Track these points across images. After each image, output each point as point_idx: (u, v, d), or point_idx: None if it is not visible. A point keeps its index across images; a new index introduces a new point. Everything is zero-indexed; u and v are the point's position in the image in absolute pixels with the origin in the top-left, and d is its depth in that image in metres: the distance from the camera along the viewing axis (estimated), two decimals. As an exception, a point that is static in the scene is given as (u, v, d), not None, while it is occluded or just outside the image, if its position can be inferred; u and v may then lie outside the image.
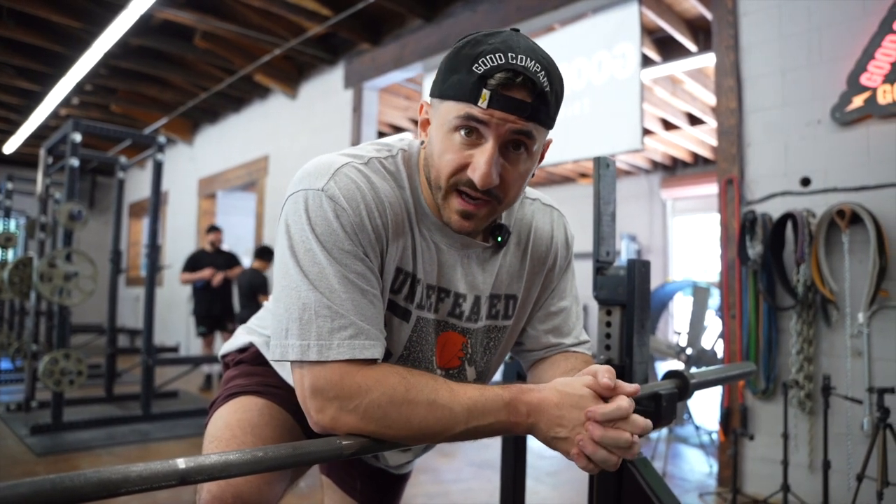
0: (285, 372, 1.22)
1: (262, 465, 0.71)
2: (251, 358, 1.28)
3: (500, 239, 1.10)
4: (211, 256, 6.91)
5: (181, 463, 0.65)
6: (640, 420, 0.88)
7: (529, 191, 1.21)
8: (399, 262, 1.00)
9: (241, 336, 1.32)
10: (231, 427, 1.11)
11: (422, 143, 1.01)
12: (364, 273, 0.92)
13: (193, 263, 6.85)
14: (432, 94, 0.97)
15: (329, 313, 0.88)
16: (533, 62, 0.89)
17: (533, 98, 0.90)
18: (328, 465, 1.46)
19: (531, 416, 0.88)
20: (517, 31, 0.94)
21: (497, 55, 0.88)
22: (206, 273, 6.70)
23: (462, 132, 0.92)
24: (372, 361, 0.91)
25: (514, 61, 0.88)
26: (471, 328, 1.11)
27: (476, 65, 0.88)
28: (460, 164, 0.93)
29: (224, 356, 1.34)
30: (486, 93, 0.88)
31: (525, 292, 1.16)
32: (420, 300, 1.03)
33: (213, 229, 7.06)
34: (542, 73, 0.90)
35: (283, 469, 0.79)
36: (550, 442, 0.89)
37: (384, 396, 0.87)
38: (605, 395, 0.89)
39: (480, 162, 0.91)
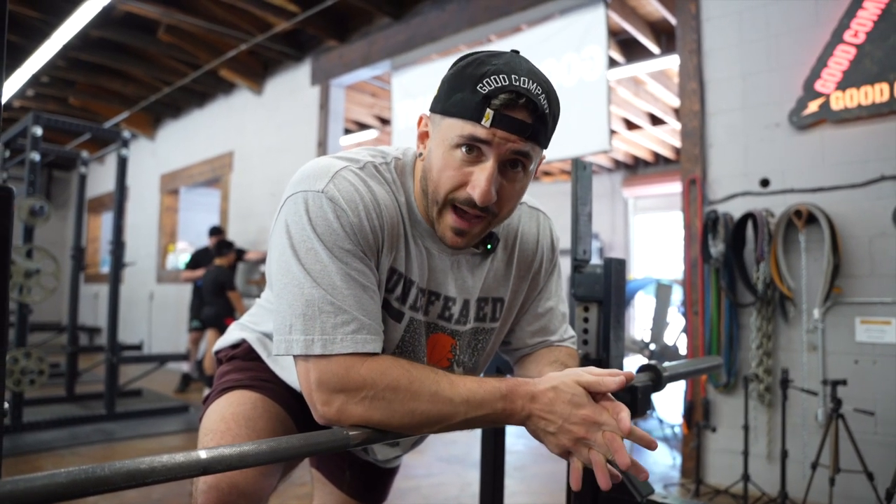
0: (278, 367, 1.25)
1: (276, 454, 0.74)
2: (243, 353, 1.30)
3: (489, 246, 1.13)
4: (213, 255, 6.91)
5: (203, 454, 0.68)
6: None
7: None
8: (393, 263, 1.03)
9: (234, 332, 1.34)
10: (226, 420, 1.13)
11: (419, 154, 1.04)
12: (364, 270, 0.96)
13: (196, 262, 6.92)
14: (433, 110, 1.00)
15: (332, 309, 0.92)
16: (535, 84, 0.93)
17: (533, 119, 0.93)
18: (318, 459, 1.49)
19: (525, 408, 0.93)
20: (517, 52, 0.98)
21: (501, 76, 0.91)
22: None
23: (463, 149, 0.95)
24: (373, 355, 0.94)
25: (518, 83, 0.91)
26: (459, 330, 1.15)
27: (480, 85, 0.92)
28: (460, 182, 0.96)
29: (217, 352, 1.37)
30: (489, 112, 0.91)
31: (511, 295, 1.20)
32: (413, 302, 1.07)
33: (216, 231, 7.05)
34: (543, 95, 0.93)
35: (296, 458, 0.82)
36: (538, 434, 0.94)
37: (388, 388, 0.91)
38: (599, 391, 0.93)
39: (481, 179, 0.94)
